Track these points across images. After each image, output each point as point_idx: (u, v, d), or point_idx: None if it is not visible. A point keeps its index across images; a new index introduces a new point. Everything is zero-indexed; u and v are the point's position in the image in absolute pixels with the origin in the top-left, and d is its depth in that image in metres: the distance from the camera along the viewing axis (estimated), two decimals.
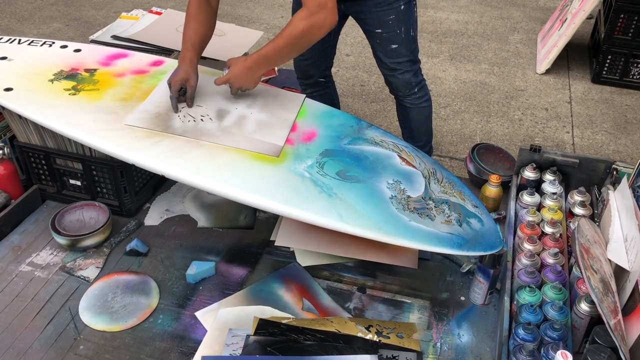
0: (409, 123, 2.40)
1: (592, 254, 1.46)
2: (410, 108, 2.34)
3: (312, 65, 2.34)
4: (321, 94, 2.45)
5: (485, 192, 1.98)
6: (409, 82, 2.23)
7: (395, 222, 1.50)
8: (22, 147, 1.95)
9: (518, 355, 1.34)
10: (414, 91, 2.27)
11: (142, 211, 2.00)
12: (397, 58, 2.16)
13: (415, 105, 2.33)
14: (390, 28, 2.09)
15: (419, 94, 2.29)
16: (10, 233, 1.89)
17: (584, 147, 3.00)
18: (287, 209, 1.48)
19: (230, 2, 4.51)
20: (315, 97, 2.38)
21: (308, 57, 2.30)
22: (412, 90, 2.27)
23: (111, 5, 4.49)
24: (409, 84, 2.24)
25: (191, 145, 1.61)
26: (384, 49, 2.15)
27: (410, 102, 2.32)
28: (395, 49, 2.13)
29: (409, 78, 2.22)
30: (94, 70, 1.89)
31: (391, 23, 2.08)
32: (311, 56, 2.29)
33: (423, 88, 2.30)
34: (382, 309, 1.67)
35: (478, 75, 3.61)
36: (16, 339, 1.56)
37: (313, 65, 2.34)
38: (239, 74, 1.73)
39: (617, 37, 3.44)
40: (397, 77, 2.22)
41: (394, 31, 2.09)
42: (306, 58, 2.30)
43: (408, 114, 2.38)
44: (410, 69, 2.20)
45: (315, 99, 2.38)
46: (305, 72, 2.37)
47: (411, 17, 2.12)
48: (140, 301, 1.66)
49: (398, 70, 2.20)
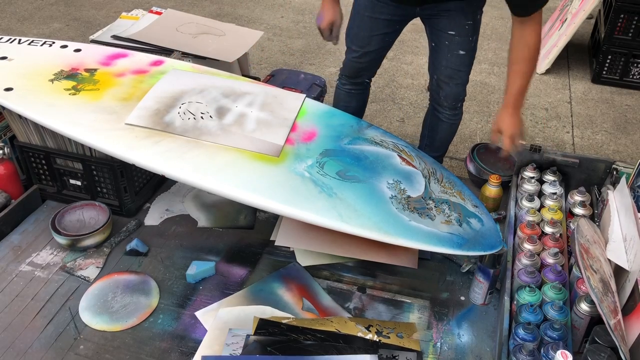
0: (435, 135, 2.33)
1: (592, 254, 1.47)
2: (444, 122, 2.26)
3: (365, 68, 2.28)
4: (358, 93, 2.39)
5: (485, 192, 1.98)
6: (459, 94, 2.16)
7: (395, 222, 1.50)
8: (22, 147, 1.95)
9: (518, 355, 1.34)
10: (457, 105, 2.20)
11: (142, 211, 2.00)
12: (460, 65, 2.08)
13: (450, 121, 2.26)
14: (464, 33, 2.02)
15: (458, 111, 2.23)
16: (10, 233, 1.89)
17: (584, 147, 3.01)
18: (287, 209, 1.49)
19: (230, 2, 4.51)
20: (352, 94, 2.38)
21: (364, 61, 2.23)
22: (457, 105, 2.20)
23: (111, 5, 4.49)
24: (458, 95, 2.16)
25: (191, 145, 1.61)
26: (451, 52, 2.06)
27: (447, 117, 2.24)
28: (462, 55, 2.06)
29: (461, 91, 2.15)
30: (94, 70, 1.89)
31: (467, 28, 2.01)
32: (367, 60, 2.24)
33: (462, 105, 2.23)
34: (382, 308, 1.67)
35: (478, 75, 3.61)
36: (16, 339, 1.56)
37: (367, 68, 2.29)
38: (514, 123, 1.89)
39: (617, 37, 3.44)
40: (452, 86, 2.13)
41: (467, 37, 2.03)
42: (362, 61, 2.23)
43: (438, 126, 2.29)
44: (465, 81, 2.14)
45: (351, 96, 2.38)
46: (357, 72, 2.30)
47: (480, 27, 2.07)
48: (140, 301, 1.67)
49: (455, 79, 2.11)
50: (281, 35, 4.08)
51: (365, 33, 2.14)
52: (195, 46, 2.37)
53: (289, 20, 4.31)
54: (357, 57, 2.22)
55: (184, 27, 2.54)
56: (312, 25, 4.23)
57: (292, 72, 2.79)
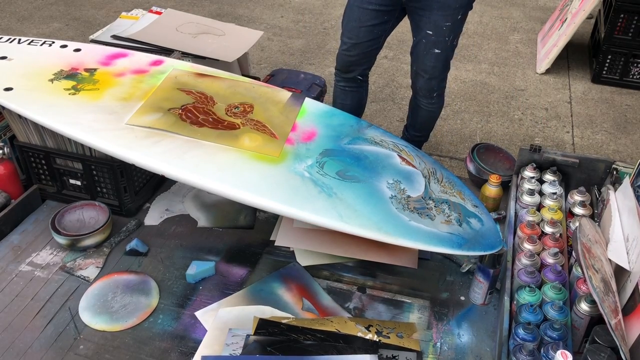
0: (417, 118, 2.48)
1: (594, 254, 1.47)
2: (422, 109, 2.41)
3: (356, 62, 2.32)
4: (353, 91, 2.45)
5: (485, 192, 1.98)
6: (433, 88, 2.29)
7: (395, 221, 1.50)
8: (22, 147, 1.95)
9: (518, 355, 1.34)
10: (433, 96, 2.33)
11: (142, 211, 2.00)
12: (435, 62, 2.20)
13: (427, 108, 2.40)
14: (441, 33, 2.12)
15: (435, 100, 2.36)
16: (10, 233, 1.89)
17: (584, 147, 3.00)
18: (287, 209, 1.48)
19: (230, 1, 4.51)
20: (347, 92, 2.43)
21: (354, 53, 2.29)
22: (432, 96, 2.32)
23: (111, 5, 4.49)
24: (432, 89, 2.29)
25: (191, 145, 1.61)
26: (427, 50, 2.18)
27: (424, 104, 2.39)
28: (438, 54, 2.17)
29: (435, 84, 2.28)
30: (94, 69, 1.89)
31: (444, 29, 2.10)
32: (358, 53, 2.29)
33: (441, 95, 2.37)
34: (382, 308, 1.67)
35: (478, 75, 3.61)
36: (16, 339, 1.56)
37: (357, 62, 2.33)
38: None
39: (617, 37, 3.44)
40: (426, 79, 2.26)
41: (443, 37, 2.12)
42: (352, 54, 2.29)
43: (418, 112, 2.45)
44: (439, 76, 2.26)
45: (346, 93, 2.44)
46: (347, 66, 2.35)
47: (461, 28, 2.17)
48: (140, 301, 1.66)
49: (429, 73, 2.24)
50: (281, 35, 4.08)
51: (355, 24, 2.21)
52: (195, 46, 2.37)
53: (288, 20, 4.31)
54: (346, 49, 2.28)
55: (183, 27, 2.54)
56: (312, 25, 4.23)
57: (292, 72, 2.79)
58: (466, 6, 2.12)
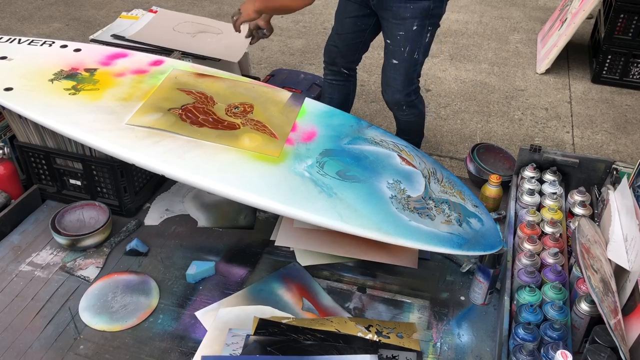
0: (399, 126, 2.48)
1: (593, 254, 1.47)
2: (399, 119, 2.41)
3: (339, 54, 2.36)
4: (339, 85, 2.46)
5: (485, 192, 1.98)
6: (399, 101, 2.26)
7: (395, 221, 1.50)
8: (22, 147, 1.95)
9: (518, 355, 1.34)
10: (402, 108, 2.31)
11: (142, 211, 2.00)
12: (394, 73, 2.19)
13: (403, 119, 2.39)
14: (396, 43, 2.13)
15: (407, 112, 2.33)
16: (10, 233, 1.89)
17: (584, 147, 3.00)
18: (287, 209, 1.48)
19: (230, 2, 4.51)
20: (333, 86, 2.46)
21: (338, 45, 2.33)
22: (401, 108, 2.31)
23: (111, 5, 4.49)
24: (398, 102, 2.27)
25: (191, 145, 1.61)
26: (387, 60, 2.19)
27: (399, 116, 2.38)
28: (395, 64, 2.17)
29: (399, 98, 2.25)
30: (94, 69, 1.89)
31: (399, 39, 2.11)
32: (341, 45, 2.33)
33: (413, 106, 2.31)
34: (382, 308, 1.67)
35: (478, 75, 3.61)
36: (16, 339, 1.56)
37: (341, 54, 2.36)
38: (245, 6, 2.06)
39: (617, 37, 3.44)
40: (389, 92, 2.26)
41: (399, 47, 2.13)
42: (336, 45, 2.34)
43: (397, 121, 2.45)
44: (402, 89, 2.22)
45: (333, 87, 2.46)
46: (332, 57, 2.39)
47: (420, 40, 2.12)
48: (140, 301, 1.66)
49: (391, 86, 2.23)
50: (281, 35, 4.07)
51: (341, 16, 2.28)
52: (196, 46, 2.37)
53: (289, 20, 4.31)
54: (332, 40, 2.34)
55: (180, 27, 2.55)
56: (312, 25, 4.23)
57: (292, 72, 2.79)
58: (421, 18, 2.05)
